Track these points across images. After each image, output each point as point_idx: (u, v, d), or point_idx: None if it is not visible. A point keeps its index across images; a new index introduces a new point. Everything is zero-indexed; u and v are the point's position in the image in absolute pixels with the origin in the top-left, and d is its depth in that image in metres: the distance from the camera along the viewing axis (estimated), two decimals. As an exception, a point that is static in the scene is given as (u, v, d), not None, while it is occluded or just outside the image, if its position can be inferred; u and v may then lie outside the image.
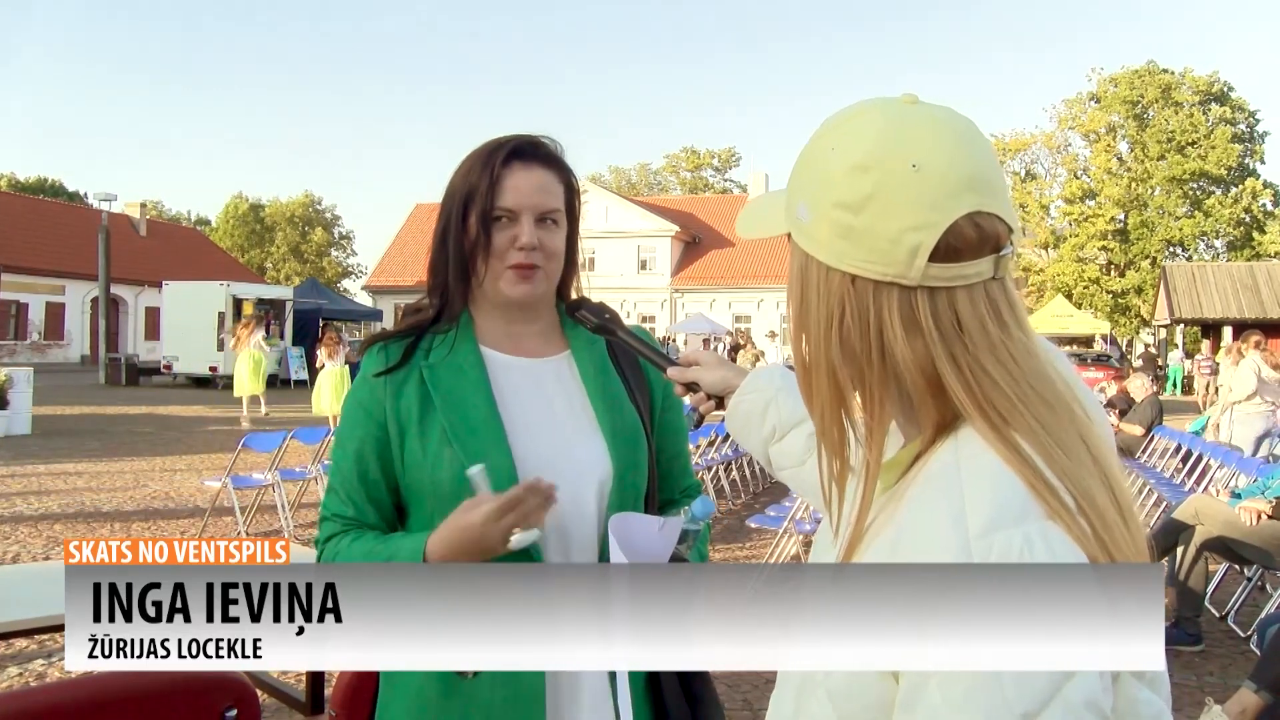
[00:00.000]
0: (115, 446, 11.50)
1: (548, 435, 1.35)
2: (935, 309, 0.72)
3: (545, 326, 1.44)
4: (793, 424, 1.19)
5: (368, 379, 1.36)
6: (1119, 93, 41.92)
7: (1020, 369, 0.72)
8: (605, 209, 40.42)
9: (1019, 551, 0.64)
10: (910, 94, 0.77)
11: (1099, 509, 0.68)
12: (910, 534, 0.69)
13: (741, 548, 6.61)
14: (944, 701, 0.63)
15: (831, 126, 0.77)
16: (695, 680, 1.38)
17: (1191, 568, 4.65)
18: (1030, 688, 0.62)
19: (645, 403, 1.43)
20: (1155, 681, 0.71)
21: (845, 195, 0.73)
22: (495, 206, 1.33)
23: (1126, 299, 41.38)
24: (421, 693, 1.30)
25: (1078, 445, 0.71)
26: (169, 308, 24.23)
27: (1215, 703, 3.47)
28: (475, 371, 1.35)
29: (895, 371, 0.74)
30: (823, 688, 0.72)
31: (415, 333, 1.39)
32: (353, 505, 1.34)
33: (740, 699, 3.79)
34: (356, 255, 74.88)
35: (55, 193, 50.14)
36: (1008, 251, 0.74)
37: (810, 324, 0.77)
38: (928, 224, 0.71)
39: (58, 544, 6.37)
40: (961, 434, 0.72)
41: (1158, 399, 9.20)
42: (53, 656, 4.03)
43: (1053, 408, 0.72)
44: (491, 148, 1.36)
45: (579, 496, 1.32)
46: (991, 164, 0.74)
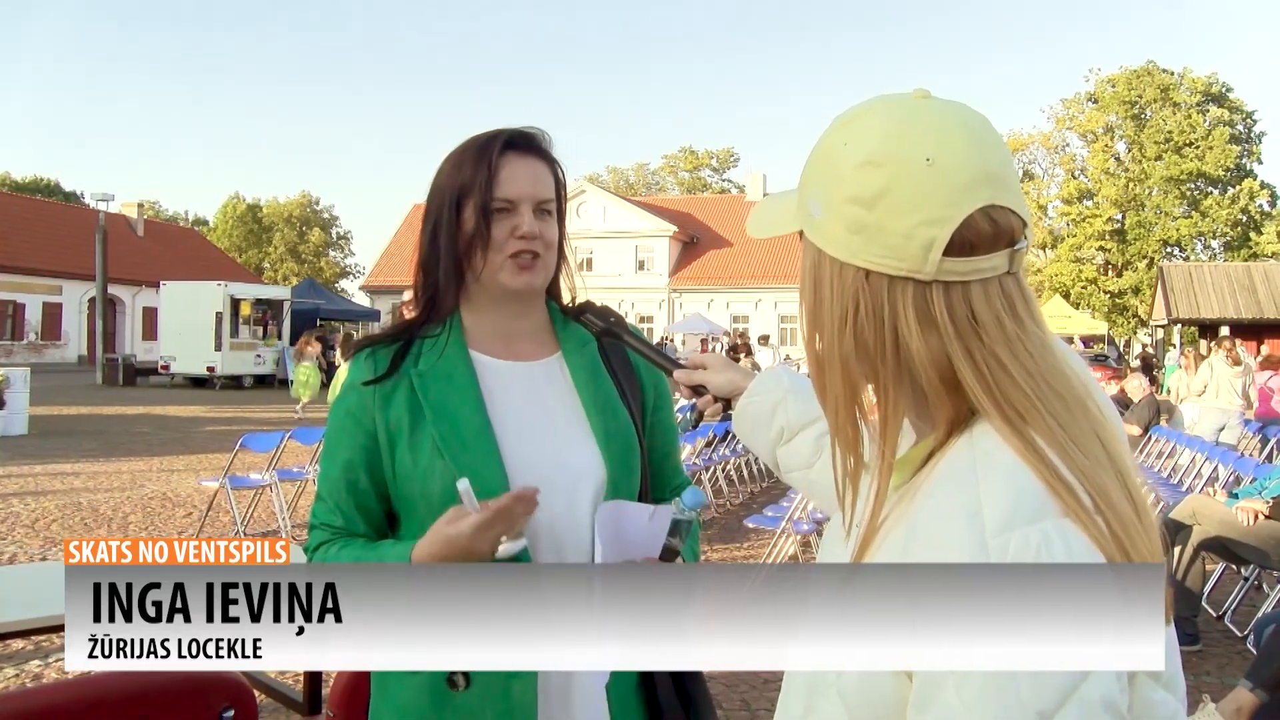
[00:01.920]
0: (112, 447, 11.48)
1: (540, 441, 1.33)
2: (950, 304, 0.71)
3: (537, 326, 1.42)
4: (801, 426, 1.18)
5: (356, 387, 1.33)
6: (1117, 93, 42.02)
7: (1036, 364, 0.71)
8: (603, 209, 40.40)
9: (1036, 549, 0.64)
10: (922, 89, 0.76)
11: (1115, 506, 0.67)
12: (925, 531, 0.68)
13: (739, 548, 6.61)
14: (959, 701, 0.63)
15: (843, 123, 0.76)
16: (688, 680, 1.37)
17: (1189, 567, 4.67)
18: (1046, 687, 0.61)
19: (637, 403, 1.42)
20: (1171, 682, 0.70)
21: (858, 190, 0.72)
22: (495, 197, 1.31)
23: (1124, 299, 41.48)
24: (412, 704, 1.28)
25: (1093, 442, 0.70)
26: (166, 308, 24.21)
27: (1211, 701, 3.48)
28: (465, 379, 1.33)
29: (909, 367, 0.73)
30: (834, 687, 0.71)
31: (404, 337, 1.37)
32: (341, 514, 1.32)
33: (738, 699, 3.78)
34: (354, 255, 74.62)
35: (52, 192, 49.99)
36: (1022, 245, 0.73)
37: (824, 321, 0.76)
38: (942, 218, 0.70)
39: (54, 544, 6.36)
40: (976, 430, 0.72)
41: (1155, 399, 9.24)
42: (49, 657, 4.03)
43: (1068, 403, 0.71)
44: (484, 140, 1.35)
45: (573, 501, 1.31)
46: (1005, 158, 0.73)
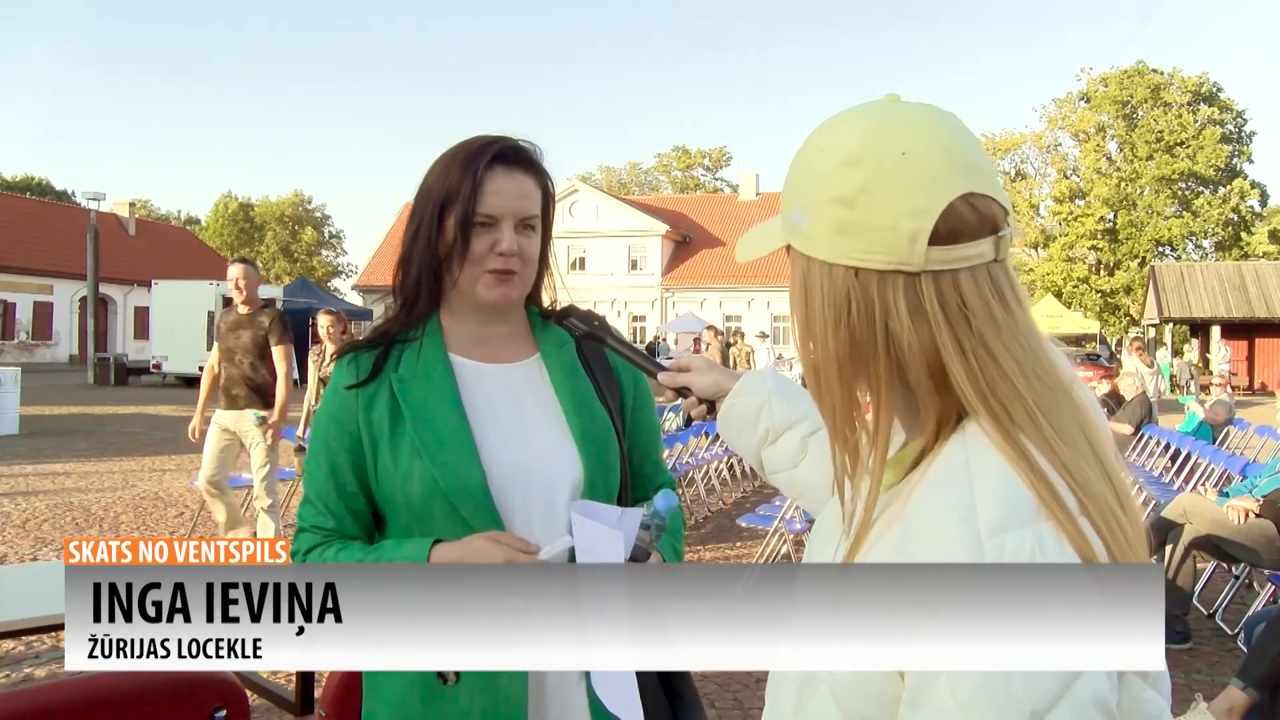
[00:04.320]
0: (104, 446, 11.44)
1: (518, 442, 1.34)
2: (940, 292, 0.72)
3: (514, 329, 1.43)
4: (785, 427, 1.18)
5: (339, 392, 1.35)
6: (1108, 92, 42.14)
7: (1024, 352, 0.72)
8: (596, 208, 40.36)
9: (1030, 550, 0.64)
10: (892, 94, 0.77)
11: (1098, 501, 0.68)
12: (919, 531, 0.69)
13: (731, 547, 6.60)
14: (952, 699, 0.63)
15: (818, 133, 0.78)
16: (675, 678, 1.37)
17: (1180, 566, 4.68)
18: (1039, 686, 0.62)
19: (615, 403, 1.42)
20: (1158, 681, 0.71)
21: (840, 190, 0.73)
22: (476, 212, 1.31)
23: (1115, 298, 41.61)
24: (404, 700, 1.30)
25: (1076, 433, 0.71)
26: (158, 307, 24.05)
27: (1204, 700, 3.49)
28: (444, 381, 1.34)
29: (901, 363, 0.74)
30: (825, 685, 0.72)
31: (384, 342, 1.37)
32: (332, 517, 1.33)
33: (731, 698, 3.79)
34: (347, 254, 74.69)
35: (42, 191, 49.72)
36: (1006, 232, 0.74)
37: (816, 327, 0.76)
38: (924, 208, 0.71)
39: (45, 545, 6.33)
40: (969, 430, 0.72)
41: (1147, 398, 9.25)
42: (40, 658, 4.01)
43: (1054, 392, 0.72)
44: (473, 150, 1.34)
45: (550, 502, 1.32)
46: (979, 150, 0.75)
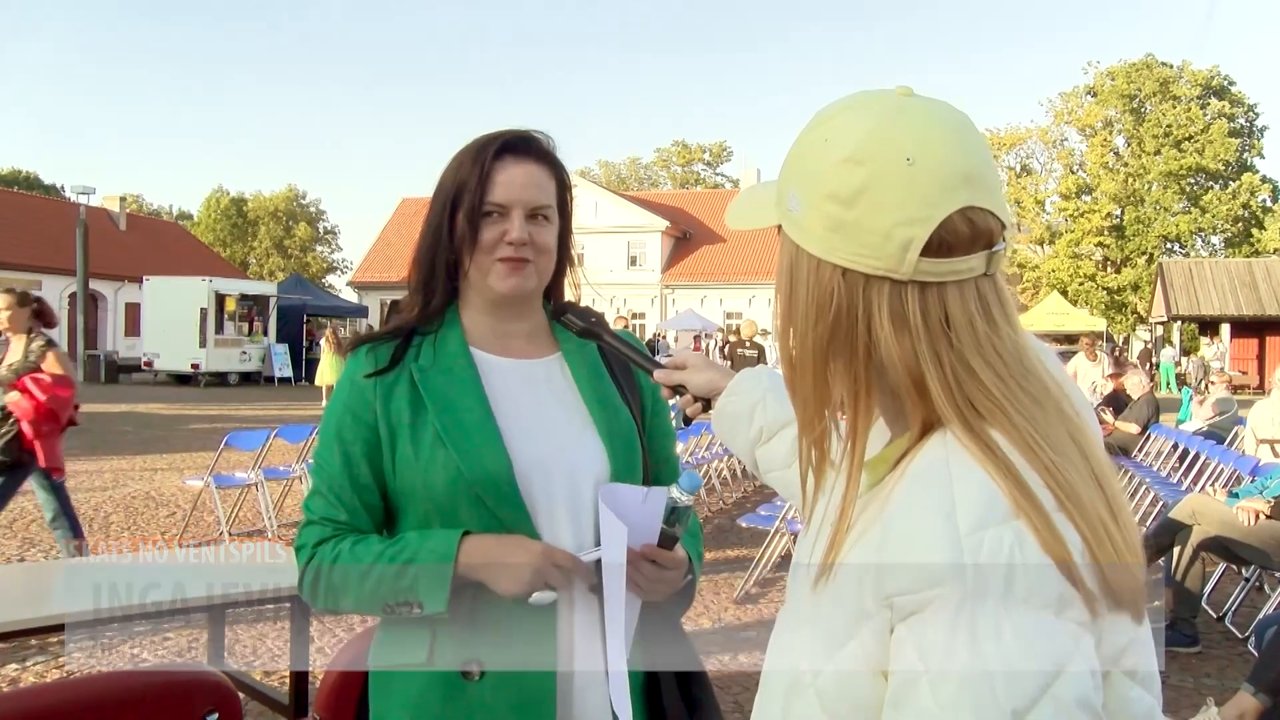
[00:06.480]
0: (94, 445, 11.24)
1: (543, 436, 1.33)
2: (925, 305, 0.72)
3: (534, 327, 1.42)
4: (779, 426, 1.19)
5: (355, 381, 1.33)
6: (1116, 86, 41.62)
7: (1007, 367, 0.72)
8: (595, 204, 40.21)
9: (1009, 548, 0.65)
10: (905, 86, 0.76)
11: (1083, 505, 0.68)
12: (900, 531, 0.69)
13: (733, 548, 6.56)
14: (934, 700, 0.63)
15: (825, 118, 0.77)
16: (693, 684, 1.37)
17: (1188, 568, 4.62)
18: (1020, 685, 0.62)
19: (637, 406, 1.42)
20: (1147, 680, 0.71)
21: (837, 188, 0.73)
22: (485, 201, 1.31)
23: (1123, 295, 41.22)
24: (422, 697, 1.27)
25: (1066, 442, 0.71)
26: (150, 303, 23.98)
27: (1215, 704, 3.44)
28: (467, 373, 1.33)
29: (881, 367, 0.74)
30: (811, 688, 0.72)
31: (402, 334, 1.37)
32: (345, 509, 1.31)
33: (731, 700, 3.73)
34: (341, 251, 74.16)
35: (31, 185, 49.20)
36: (1000, 248, 0.74)
37: (798, 316, 0.76)
38: (920, 219, 0.71)
39: (33, 545, 6.25)
40: (950, 430, 0.72)
41: (1154, 397, 9.14)
42: (27, 661, 3.92)
43: (1041, 405, 0.72)
44: (483, 143, 1.35)
45: (574, 495, 1.31)
46: (985, 159, 0.74)
